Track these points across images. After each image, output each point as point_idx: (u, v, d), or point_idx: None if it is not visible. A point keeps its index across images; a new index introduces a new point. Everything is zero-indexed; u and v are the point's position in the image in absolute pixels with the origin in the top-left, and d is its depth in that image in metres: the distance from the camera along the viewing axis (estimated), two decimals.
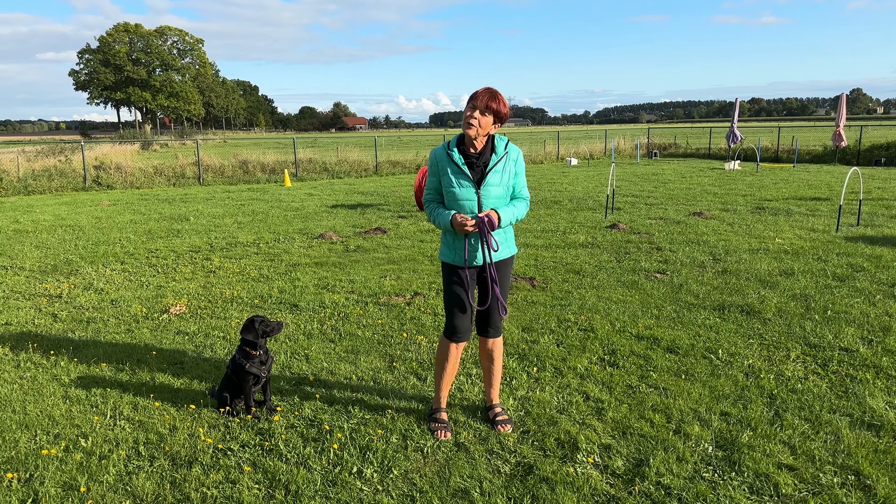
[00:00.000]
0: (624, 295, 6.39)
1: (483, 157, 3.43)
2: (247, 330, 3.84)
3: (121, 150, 31.28)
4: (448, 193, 3.44)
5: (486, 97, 3.33)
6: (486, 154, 3.44)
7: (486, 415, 3.83)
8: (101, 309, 6.24)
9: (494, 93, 3.36)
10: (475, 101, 3.33)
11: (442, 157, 3.45)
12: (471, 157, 3.43)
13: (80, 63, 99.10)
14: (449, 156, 3.43)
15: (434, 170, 3.50)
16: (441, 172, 3.46)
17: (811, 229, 9.91)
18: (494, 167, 3.41)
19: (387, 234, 10.22)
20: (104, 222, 12.21)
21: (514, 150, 3.51)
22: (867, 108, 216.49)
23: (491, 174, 3.40)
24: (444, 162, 3.44)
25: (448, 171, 3.42)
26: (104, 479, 3.23)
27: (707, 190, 15.81)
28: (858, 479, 3.13)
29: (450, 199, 3.44)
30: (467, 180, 3.39)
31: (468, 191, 3.39)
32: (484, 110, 3.32)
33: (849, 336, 5.10)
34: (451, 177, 3.41)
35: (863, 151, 24.80)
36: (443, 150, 3.47)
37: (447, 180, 3.43)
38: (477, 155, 3.43)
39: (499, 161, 3.43)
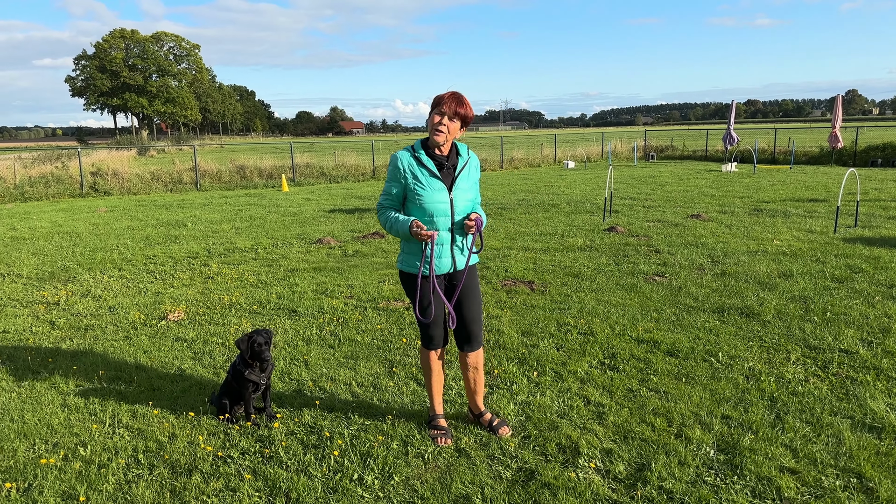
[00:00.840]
0: (623, 298, 6.38)
1: (450, 160, 3.42)
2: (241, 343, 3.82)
3: (118, 156, 31.28)
4: (418, 197, 3.33)
5: (453, 103, 3.29)
6: (452, 157, 3.44)
7: (477, 422, 3.79)
8: (99, 316, 6.22)
9: (460, 97, 3.32)
10: (442, 107, 3.28)
11: (410, 162, 3.36)
12: (439, 159, 3.39)
13: (77, 69, 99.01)
14: (418, 159, 3.36)
15: (396, 175, 3.37)
16: (408, 177, 3.35)
17: (809, 231, 9.93)
18: (463, 170, 3.43)
19: (385, 239, 10.21)
20: (101, 229, 12.18)
21: (473, 157, 3.55)
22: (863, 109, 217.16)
23: (461, 178, 3.41)
24: (412, 167, 3.35)
25: (418, 175, 3.34)
26: (103, 489, 3.21)
27: (704, 192, 15.82)
28: (861, 481, 3.12)
29: (420, 204, 3.33)
30: (440, 184, 3.34)
31: (441, 194, 3.34)
32: (452, 116, 3.30)
33: (848, 338, 5.10)
34: (422, 180, 3.33)
35: (859, 152, 24.87)
36: (409, 155, 3.38)
37: (417, 184, 3.33)
38: (445, 157, 3.40)
39: (465, 165, 3.44)
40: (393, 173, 3.40)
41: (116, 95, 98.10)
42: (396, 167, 3.37)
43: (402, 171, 3.36)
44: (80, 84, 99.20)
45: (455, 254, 3.45)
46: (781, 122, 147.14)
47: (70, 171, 21.53)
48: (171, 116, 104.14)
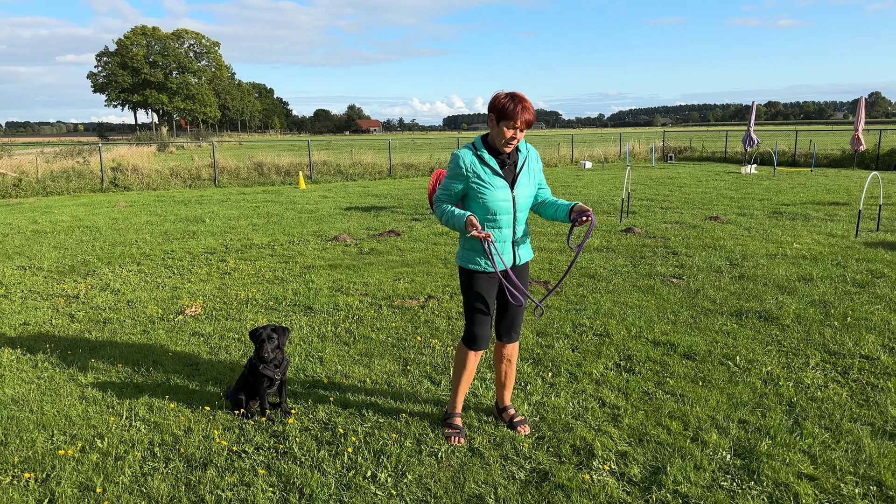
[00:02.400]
0: (639, 300, 6.34)
1: (512, 157, 3.42)
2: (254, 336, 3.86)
3: (137, 152, 31.62)
4: (482, 196, 3.32)
5: (526, 115, 3.22)
6: (513, 154, 3.43)
7: (500, 416, 3.83)
8: (118, 310, 6.28)
9: (527, 106, 3.24)
10: (516, 121, 3.21)
11: (472, 161, 3.33)
12: (501, 157, 3.39)
13: (99, 66, 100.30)
14: (480, 157, 3.34)
15: (458, 173, 3.34)
16: (470, 176, 3.32)
17: (830, 234, 9.79)
18: (524, 167, 3.43)
19: (401, 237, 10.22)
20: (121, 223, 12.32)
21: (532, 150, 3.54)
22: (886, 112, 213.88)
23: (522, 174, 3.42)
24: (474, 165, 3.32)
25: (481, 173, 3.32)
26: (120, 481, 3.24)
27: (723, 194, 15.67)
28: (881, 489, 3.07)
29: (483, 202, 3.33)
30: (503, 182, 3.34)
31: (504, 192, 3.34)
32: (524, 127, 3.26)
33: (869, 343, 5.02)
34: (485, 179, 3.32)
35: (882, 156, 24.48)
36: (471, 154, 3.35)
37: (480, 183, 3.32)
38: (506, 155, 3.40)
39: (525, 160, 3.45)
40: (454, 171, 3.36)
41: (137, 92, 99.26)
42: (458, 165, 3.34)
43: (465, 169, 3.33)
44: (101, 80, 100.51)
45: (515, 250, 3.49)
46: (802, 124, 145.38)
47: (91, 166, 21.81)
48: (190, 113, 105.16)
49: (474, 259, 3.44)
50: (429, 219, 12.30)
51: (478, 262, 3.43)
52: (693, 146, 34.06)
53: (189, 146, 50.41)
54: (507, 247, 3.46)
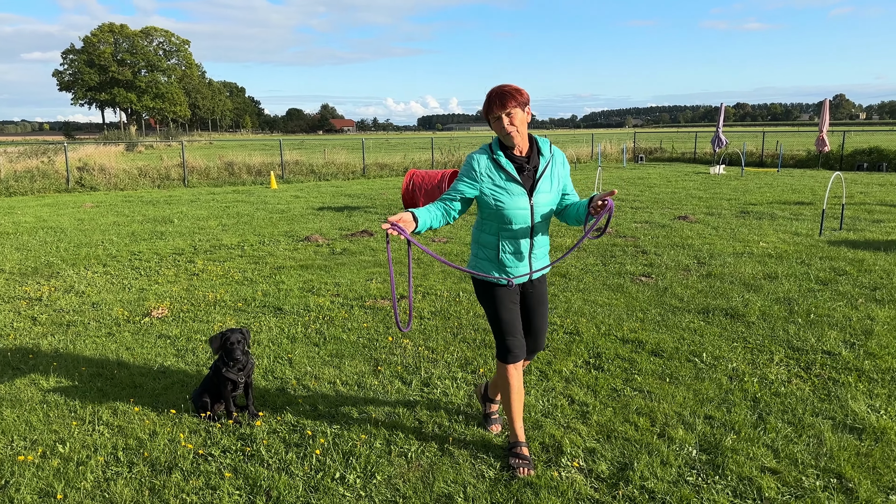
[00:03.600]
0: (609, 298, 6.40)
1: (532, 161, 3.12)
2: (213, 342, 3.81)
3: (105, 152, 31.01)
4: (499, 204, 3.07)
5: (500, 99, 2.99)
6: (534, 158, 3.13)
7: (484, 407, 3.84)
8: (82, 312, 6.15)
9: (501, 91, 3.01)
10: (498, 111, 2.99)
11: (487, 166, 3.09)
12: (519, 161, 3.10)
13: (65, 63, 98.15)
14: (496, 161, 3.08)
15: (472, 175, 3.09)
16: (485, 181, 3.08)
17: (795, 233, 9.99)
18: (545, 172, 3.13)
19: (374, 237, 10.18)
20: (87, 224, 12.07)
21: (558, 153, 3.23)
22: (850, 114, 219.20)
23: (542, 180, 3.11)
24: (490, 169, 3.08)
25: (495, 178, 3.07)
26: (81, 486, 3.17)
27: (692, 194, 15.90)
28: (841, 482, 3.14)
29: (498, 209, 3.08)
30: (519, 188, 3.07)
31: (521, 199, 3.07)
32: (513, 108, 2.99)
33: (831, 339, 5.13)
34: (502, 185, 3.06)
35: (845, 156, 25.09)
36: (486, 158, 3.10)
37: (495, 189, 3.07)
38: (526, 159, 3.12)
39: (547, 165, 3.14)
40: (467, 173, 3.12)
41: (104, 90, 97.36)
42: (472, 168, 3.10)
43: (479, 173, 3.09)
44: (67, 78, 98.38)
45: (532, 263, 3.21)
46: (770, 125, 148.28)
47: (56, 165, 21.32)
48: (159, 112, 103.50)
49: (488, 269, 3.22)
50: None
51: (485, 268, 3.23)
52: (663, 147, 34.52)
53: (158, 145, 49.62)
54: (524, 259, 3.18)
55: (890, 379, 4.35)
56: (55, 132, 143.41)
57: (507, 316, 3.24)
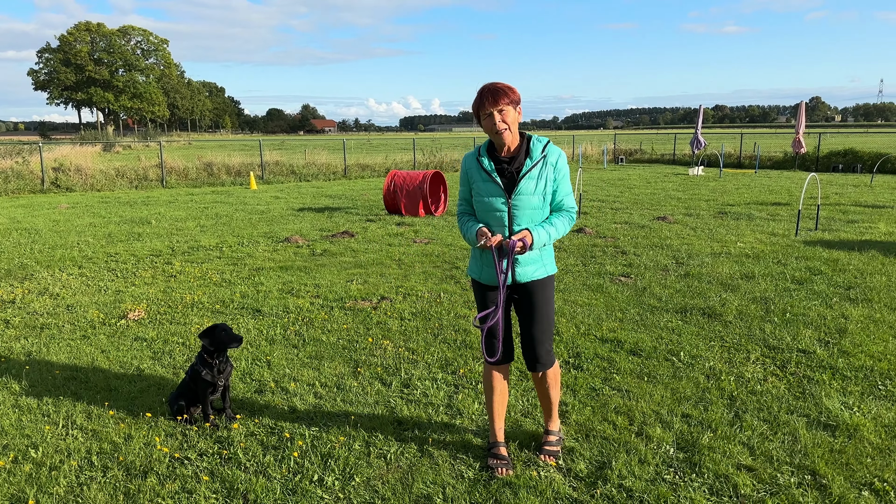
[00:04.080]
0: (589, 298, 6.43)
1: (516, 161, 3.05)
2: (205, 335, 3.76)
3: (81, 152, 30.56)
4: (478, 204, 3.11)
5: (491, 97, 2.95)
6: (519, 158, 3.06)
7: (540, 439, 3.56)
8: (56, 314, 6.05)
9: (493, 88, 2.97)
10: (487, 108, 2.95)
11: (471, 165, 3.13)
12: (502, 162, 3.07)
13: (40, 62, 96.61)
14: (479, 162, 3.09)
15: (464, 178, 3.19)
16: (471, 181, 3.14)
17: (771, 234, 10.13)
18: (528, 173, 3.02)
19: (354, 238, 10.14)
20: (62, 225, 11.88)
21: (553, 153, 3.07)
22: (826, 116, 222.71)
23: (524, 181, 3.02)
24: (472, 169, 3.12)
25: (478, 179, 3.10)
26: (54, 492, 3.11)
27: (671, 195, 16.05)
28: (815, 478, 3.18)
29: (480, 210, 3.11)
30: (496, 189, 3.04)
31: (498, 200, 3.04)
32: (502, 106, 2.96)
33: (806, 338, 5.21)
34: (481, 185, 3.08)
35: (821, 158, 25.49)
36: (472, 157, 3.14)
37: (476, 189, 3.11)
38: (508, 160, 3.06)
39: (534, 166, 3.03)
40: (462, 177, 3.22)
41: (81, 90, 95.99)
42: (462, 170, 3.21)
43: (464, 172, 3.19)
44: (43, 78, 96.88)
45: (515, 267, 3.11)
46: (748, 127, 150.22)
47: (31, 166, 20.96)
48: (137, 112, 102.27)
49: (474, 268, 3.26)
50: (383, 220, 12.24)
51: (476, 271, 3.24)
52: (643, 148, 34.83)
53: (136, 146, 48.99)
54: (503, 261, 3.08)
55: (863, 376, 4.43)
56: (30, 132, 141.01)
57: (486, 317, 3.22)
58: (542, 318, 3.20)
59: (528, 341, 3.25)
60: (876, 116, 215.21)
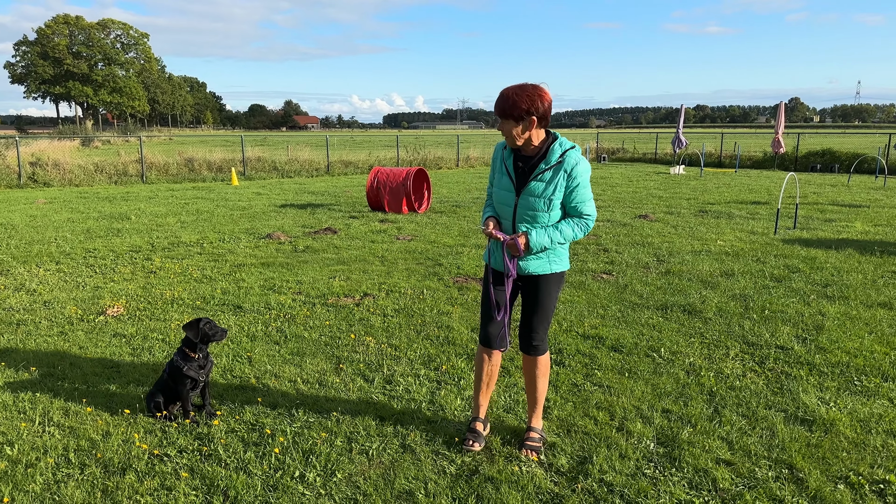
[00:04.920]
0: (571, 295, 6.46)
1: (531, 161, 3.15)
2: (189, 328, 3.72)
3: (59, 147, 30.10)
4: (494, 194, 3.30)
5: (498, 105, 3.05)
6: (535, 159, 3.15)
7: None
8: (33, 311, 5.96)
9: (504, 96, 3.04)
10: (500, 117, 3.08)
11: (497, 155, 3.31)
12: (522, 159, 3.18)
13: (17, 55, 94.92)
14: (502, 154, 3.27)
15: (492, 164, 3.38)
16: (494, 169, 3.34)
17: (751, 232, 10.25)
18: (540, 175, 3.10)
19: (337, 235, 10.10)
20: (39, 221, 11.70)
21: (571, 160, 3.09)
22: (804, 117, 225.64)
23: (533, 182, 3.11)
24: (497, 159, 3.31)
25: (498, 169, 3.29)
26: (30, 489, 3.07)
27: (653, 193, 16.18)
28: (792, 472, 3.23)
29: (494, 199, 3.31)
30: (509, 184, 3.18)
31: (508, 195, 3.19)
32: (502, 118, 3.06)
33: (784, 334, 5.28)
34: (498, 176, 3.26)
35: (800, 158, 25.83)
36: (500, 147, 3.30)
37: (495, 179, 3.30)
38: (528, 158, 3.17)
39: (547, 170, 3.09)
40: (492, 160, 3.39)
41: (59, 84, 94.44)
42: (493, 156, 3.36)
43: (495, 159, 3.35)
44: (20, 71, 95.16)
45: (519, 260, 3.25)
46: (728, 127, 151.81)
47: (7, 160, 20.61)
48: (117, 107, 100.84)
49: (486, 253, 3.45)
50: (366, 216, 12.20)
51: (486, 255, 3.45)
52: (625, 147, 35.05)
53: (116, 141, 48.32)
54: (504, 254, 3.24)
55: (839, 372, 4.50)
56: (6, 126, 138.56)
57: (488, 300, 3.41)
58: (541, 310, 3.35)
59: (526, 327, 3.40)
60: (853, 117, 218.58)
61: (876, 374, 4.47)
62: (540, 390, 3.50)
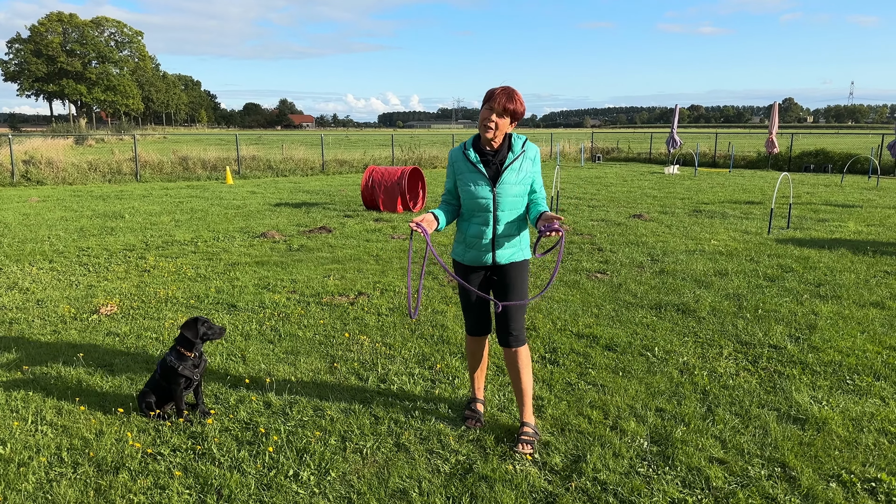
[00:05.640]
0: (566, 294, 6.48)
1: (499, 155, 3.36)
2: (187, 328, 3.71)
3: (53, 145, 29.93)
4: (464, 193, 3.39)
5: (503, 99, 3.24)
6: (502, 152, 3.37)
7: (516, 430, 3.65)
8: (26, 309, 5.93)
9: (511, 93, 3.27)
10: (492, 103, 3.24)
11: (458, 158, 3.43)
12: (486, 155, 3.37)
13: (10, 53, 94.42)
14: (465, 156, 3.39)
15: (450, 171, 3.49)
16: (457, 173, 3.43)
17: (744, 231, 10.28)
18: (510, 165, 3.34)
19: (332, 234, 10.09)
20: (32, 219, 11.65)
21: (531, 149, 3.43)
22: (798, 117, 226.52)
23: (507, 172, 3.33)
24: (459, 162, 3.41)
25: (465, 170, 3.39)
26: (23, 488, 3.06)
27: (647, 193, 16.22)
28: (784, 470, 3.25)
29: (466, 199, 3.40)
30: (483, 179, 3.34)
31: (484, 189, 3.34)
32: (501, 112, 3.25)
33: (777, 334, 5.30)
34: (467, 175, 3.37)
35: (793, 158, 25.93)
36: (459, 151, 3.44)
37: (463, 180, 3.39)
38: (493, 153, 3.37)
39: (515, 159, 3.36)
40: (448, 170, 3.52)
41: (53, 81, 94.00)
42: (449, 164, 3.50)
43: (451, 164, 3.48)
44: (13, 69, 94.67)
45: (495, 250, 3.42)
46: (722, 127, 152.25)
47: (0, 158, 20.50)
48: (111, 105, 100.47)
49: (458, 251, 3.55)
50: (361, 215, 12.19)
51: (460, 253, 3.54)
52: (620, 147, 35.12)
53: (110, 139, 48.11)
54: (486, 245, 3.41)
55: (832, 371, 4.52)
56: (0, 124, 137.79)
57: (464, 293, 3.60)
58: (517, 297, 3.49)
59: (503, 318, 3.49)
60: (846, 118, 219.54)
61: (868, 373, 4.50)
62: (525, 382, 3.56)
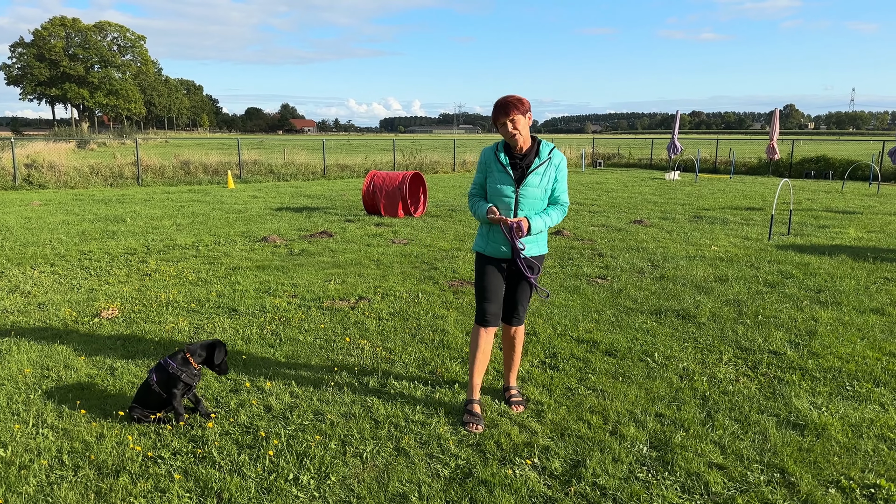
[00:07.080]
0: (566, 299, 6.48)
1: (526, 159, 3.69)
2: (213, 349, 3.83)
3: (55, 149, 30.00)
4: (491, 189, 3.74)
5: (506, 108, 3.55)
6: (529, 157, 3.70)
7: (502, 396, 4.13)
8: (28, 313, 5.95)
9: (506, 100, 3.57)
10: (503, 118, 3.57)
11: (490, 157, 3.76)
12: (515, 158, 3.70)
13: (13, 57, 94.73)
14: (496, 156, 3.73)
15: (482, 167, 3.81)
16: (487, 171, 3.77)
17: (745, 237, 10.29)
18: (535, 170, 3.67)
19: (333, 238, 10.11)
20: (34, 223, 11.68)
21: (557, 157, 3.74)
22: (799, 124, 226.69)
23: (531, 176, 3.67)
24: (491, 161, 3.75)
25: (494, 169, 3.73)
26: (24, 491, 3.07)
27: (648, 199, 16.23)
28: (783, 476, 3.25)
29: (492, 195, 3.74)
30: (509, 179, 3.67)
31: (508, 189, 3.67)
32: (514, 118, 3.55)
33: (777, 340, 5.30)
34: (496, 174, 3.71)
35: (794, 164, 25.96)
36: (492, 151, 3.76)
37: (492, 178, 3.74)
38: (521, 157, 3.70)
39: (541, 165, 3.68)
40: (479, 166, 3.84)
41: (55, 85, 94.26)
42: (480, 160, 3.83)
43: (482, 163, 3.81)
44: (16, 73, 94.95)
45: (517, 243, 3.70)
46: (723, 133, 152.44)
47: (2, 162, 20.55)
48: (113, 109, 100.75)
49: (480, 244, 3.85)
50: (362, 220, 12.21)
51: (482, 245, 3.83)
52: (621, 153, 35.16)
53: (112, 143, 48.22)
54: (506, 240, 3.70)
55: (832, 377, 4.52)
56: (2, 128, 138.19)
57: (488, 286, 3.81)
58: (528, 287, 3.90)
59: (513, 302, 3.92)
60: (847, 124, 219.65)
61: (868, 379, 4.50)
62: (517, 353, 4.09)
